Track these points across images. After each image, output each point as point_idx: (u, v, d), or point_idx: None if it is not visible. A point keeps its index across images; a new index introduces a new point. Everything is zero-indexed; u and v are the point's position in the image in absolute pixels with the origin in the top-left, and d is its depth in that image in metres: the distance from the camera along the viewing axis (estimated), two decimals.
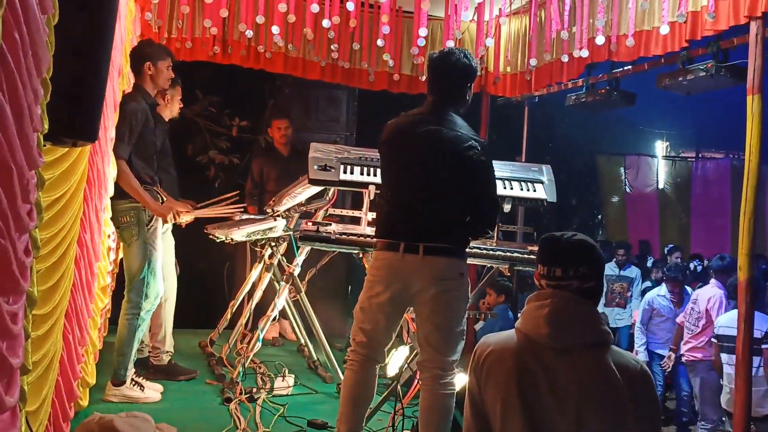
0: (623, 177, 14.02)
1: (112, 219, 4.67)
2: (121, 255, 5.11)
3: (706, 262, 9.28)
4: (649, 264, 10.36)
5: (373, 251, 3.84)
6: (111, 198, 4.56)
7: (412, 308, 3.85)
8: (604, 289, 8.07)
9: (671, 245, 10.25)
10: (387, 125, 3.86)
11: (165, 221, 4.88)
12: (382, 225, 3.79)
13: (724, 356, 5.83)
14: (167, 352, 5.47)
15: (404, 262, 3.63)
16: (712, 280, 6.67)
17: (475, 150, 3.67)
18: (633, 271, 9.19)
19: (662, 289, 7.40)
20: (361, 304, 3.80)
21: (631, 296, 8.97)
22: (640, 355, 7.06)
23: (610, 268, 8.77)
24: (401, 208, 3.71)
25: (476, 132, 3.82)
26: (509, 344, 2.35)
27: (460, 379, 3.81)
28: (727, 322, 5.82)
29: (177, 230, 5.44)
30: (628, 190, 14.02)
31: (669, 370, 7.07)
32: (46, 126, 1.90)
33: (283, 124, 6.94)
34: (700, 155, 14.69)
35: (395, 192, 3.76)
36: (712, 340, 6.11)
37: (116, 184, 4.55)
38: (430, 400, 3.69)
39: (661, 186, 13.98)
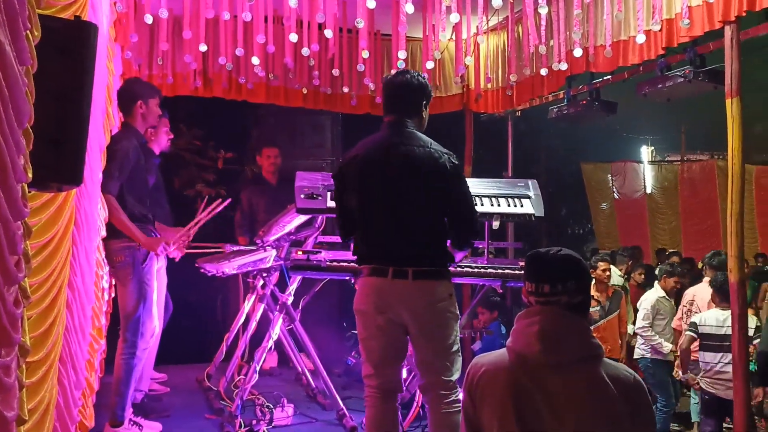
0: (611, 184, 14.08)
1: (106, 258, 4.67)
2: (114, 294, 5.10)
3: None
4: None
5: (358, 278, 3.80)
6: (105, 238, 4.55)
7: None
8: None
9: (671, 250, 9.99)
10: (352, 156, 3.77)
11: (156, 254, 4.86)
12: (365, 251, 3.75)
13: (707, 355, 5.77)
14: (141, 390, 5.42)
15: (394, 286, 3.60)
16: (706, 279, 6.61)
17: (449, 162, 3.68)
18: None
19: (659, 290, 6.97)
20: (360, 335, 3.77)
21: None
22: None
23: (617, 277, 7.92)
24: (384, 233, 3.67)
25: (442, 146, 3.78)
26: (502, 363, 2.35)
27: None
28: (711, 320, 5.78)
29: (169, 265, 5.44)
30: (616, 196, 14.07)
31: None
32: (30, 176, 1.91)
33: (273, 153, 6.97)
34: (685, 158, 14.77)
35: (375, 218, 3.70)
36: (690, 334, 5.96)
37: (109, 224, 4.55)
38: (439, 420, 3.68)
39: (649, 191, 14.05)
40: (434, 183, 3.66)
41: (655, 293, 6.87)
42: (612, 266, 7.52)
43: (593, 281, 6.49)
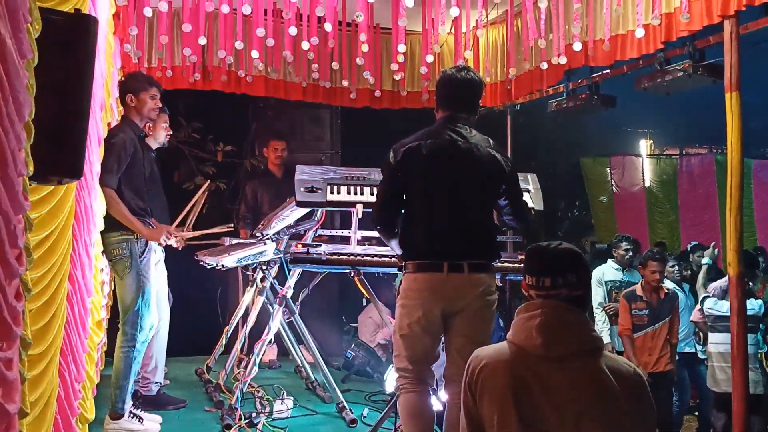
0: (609, 178, 14.06)
1: (104, 252, 4.66)
2: (114, 287, 5.10)
3: None
4: None
5: (407, 273, 3.74)
6: (102, 231, 4.55)
7: None
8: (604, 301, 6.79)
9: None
10: (413, 147, 3.72)
11: (159, 243, 4.88)
12: (418, 246, 3.72)
13: (715, 336, 5.88)
14: (157, 383, 5.45)
15: (450, 281, 3.62)
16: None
17: (506, 164, 3.78)
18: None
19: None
20: (401, 331, 3.74)
21: None
22: None
23: (612, 272, 6.94)
24: (442, 228, 3.67)
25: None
26: (502, 356, 2.36)
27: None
28: (712, 305, 6.00)
29: (168, 258, 5.44)
30: (615, 190, 14.06)
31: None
32: (31, 169, 1.91)
33: (280, 146, 7.00)
34: (684, 151, 14.77)
35: (432, 212, 3.69)
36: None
37: (107, 217, 4.54)
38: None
39: (647, 184, 14.02)
40: (494, 182, 3.75)
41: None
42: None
43: (641, 280, 6.17)
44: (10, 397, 1.66)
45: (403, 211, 3.81)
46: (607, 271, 6.88)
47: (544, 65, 5.90)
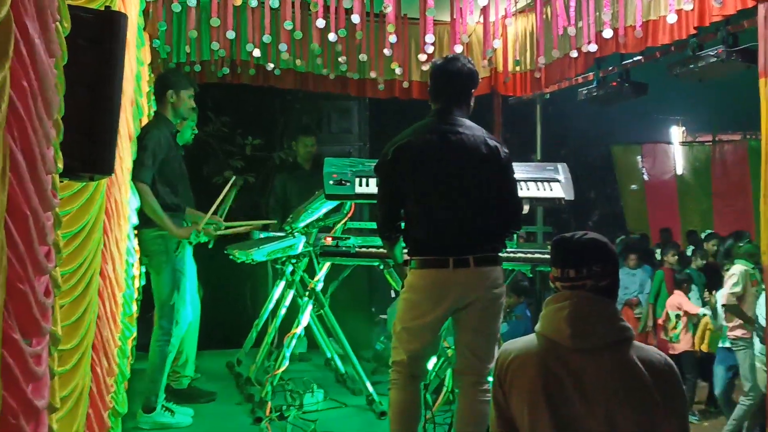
0: (640, 166, 13.92)
1: (139, 247, 4.71)
2: (144, 282, 5.14)
3: None
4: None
5: (411, 269, 3.70)
6: (138, 227, 4.60)
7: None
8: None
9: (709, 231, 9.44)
10: (402, 145, 3.67)
11: (190, 242, 4.91)
12: (422, 242, 3.67)
13: None
14: (187, 376, 5.48)
15: (456, 276, 3.58)
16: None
17: (502, 151, 3.69)
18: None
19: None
20: (403, 324, 3.71)
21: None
22: None
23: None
24: (442, 223, 3.62)
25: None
26: (531, 349, 2.34)
27: None
28: None
29: (198, 252, 5.47)
30: (646, 178, 13.91)
31: None
32: (61, 166, 1.91)
33: (309, 141, 6.99)
34: (717, 138, 14.55)
35: (434, 207, 3.63)
36: None
37: (142, 213, 4.58)
38: (470, 407, 3.67)
39: (679, 172, 13.85)
40: (489, 171, 3.65)
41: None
42: None
43: None
44: (39, 393, 1.67)
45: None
46: None
47: (574, 53, 5.84)
